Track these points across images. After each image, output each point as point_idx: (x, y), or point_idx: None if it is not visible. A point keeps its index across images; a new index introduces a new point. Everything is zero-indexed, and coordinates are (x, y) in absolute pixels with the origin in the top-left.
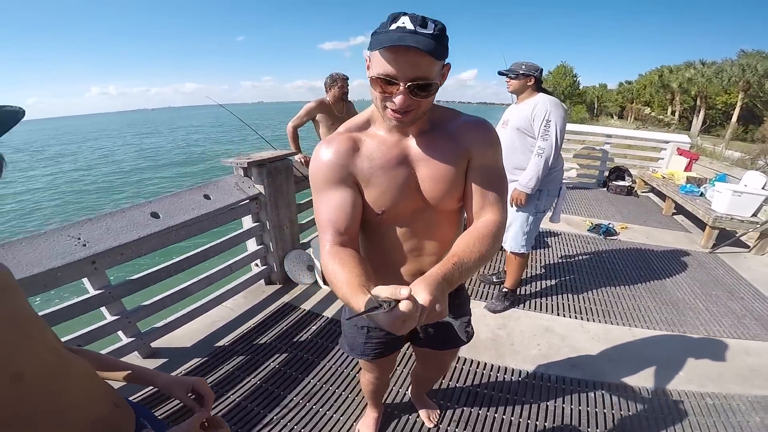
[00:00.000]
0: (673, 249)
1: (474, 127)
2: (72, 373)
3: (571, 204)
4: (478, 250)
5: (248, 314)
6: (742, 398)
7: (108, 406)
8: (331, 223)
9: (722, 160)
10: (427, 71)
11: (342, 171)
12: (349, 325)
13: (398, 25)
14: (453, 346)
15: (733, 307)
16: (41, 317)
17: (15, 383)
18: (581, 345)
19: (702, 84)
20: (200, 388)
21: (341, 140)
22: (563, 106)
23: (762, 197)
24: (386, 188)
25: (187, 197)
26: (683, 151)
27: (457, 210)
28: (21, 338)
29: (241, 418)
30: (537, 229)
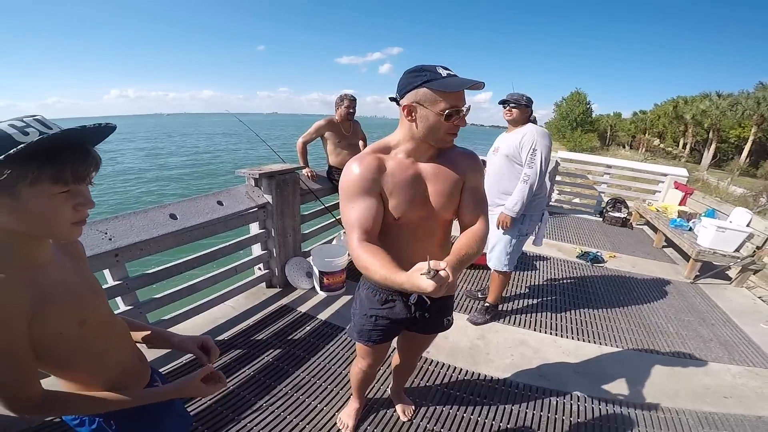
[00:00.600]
0: (656, 278)
1: (467, 157)
2: (116, 328)
3: (565, 231)
4: (475, 246)
5: (248, 313)
6: (692, 414)
7: (134, 359)
8: (360, 223)
9: (725, 196)
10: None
11: (372, 183)
12: (359, 315)
13: (445, 72)
14: (435, 331)
15: (702, 332)
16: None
17: (81, 326)
18: (551, 358)
19: (716, 116)
20: (208, 343)
21: (371, 159)
22: (549, 136)
23: (745, 234)
24: (403, 199)
25: (203, 202)
26: (679, 184)
27: (450, 220)
28: (90, 295)
29: (234, 404)
30: (519, 250)
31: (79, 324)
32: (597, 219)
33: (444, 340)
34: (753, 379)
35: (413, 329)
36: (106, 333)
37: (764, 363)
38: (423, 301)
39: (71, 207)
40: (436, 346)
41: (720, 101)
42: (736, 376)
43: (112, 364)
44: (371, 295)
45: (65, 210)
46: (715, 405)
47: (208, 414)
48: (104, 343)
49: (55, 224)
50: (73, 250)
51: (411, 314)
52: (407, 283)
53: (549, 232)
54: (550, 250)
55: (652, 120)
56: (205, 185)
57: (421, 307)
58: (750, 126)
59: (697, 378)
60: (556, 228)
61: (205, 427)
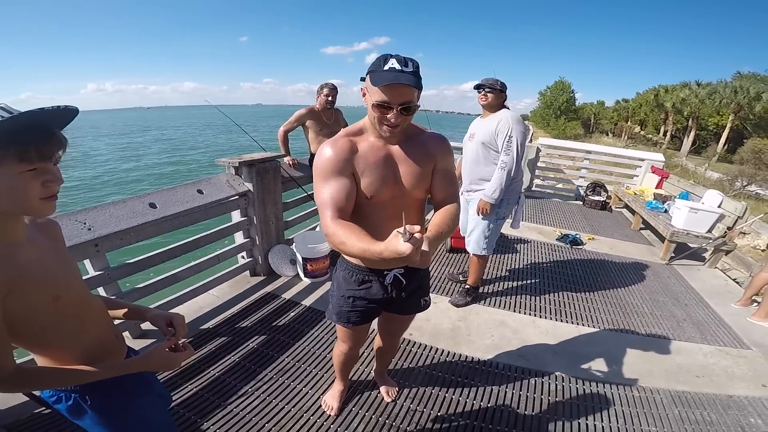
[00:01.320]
0: (632, 260)
1: (438, 140)
2: (92, 305)
3: (546, 215)
4: (450, 222)
5: (233, 301)
6: (665, 393)
7: (110, 335)
8: (333, 202)
9: (703, 180)
10: (411, 97)
11: (344, 163)
12: (337, 296)
13: (390, 66)
14: (412, 311)
15: (675, 312)
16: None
17: (54, 302)
18: (531, 338)
19: (695, 105)
20: (175, 320)
21: (343, 141)
22: (524, 122)
23: (716, 215)
24: (375, 179)
25: (182, 191)
26: (656, 169)
27: (423, 199)
28: (64, 272)
29: (220, 390)
30: (497, 234)
31: (53, 300)
32: (577, 203)
33: (426, 322)
34: (723, 358)
35: (391, 310)
36: (80, 310)
37: (734, 343)
38: (399, 281)
39: (39, 184)
40: (419, 328)
41: (699, 90)
42: (707, 356)
43: (88, 341)
44: (348, 276)
45: (33, 187)
46: (688, 384)
47: (195, 400)
48: (79, 319)
49: (25, 200)
50: (50, 231)
51: (388, 294)
52: (386, 251)
53: (530, 216)
54: (531, 233)
55: (634, 108)
56: (185, 177)
57: (398, 287)
58: (727, 114)
59: (671, 357)
60: (537, 212)
61: (192, 413)
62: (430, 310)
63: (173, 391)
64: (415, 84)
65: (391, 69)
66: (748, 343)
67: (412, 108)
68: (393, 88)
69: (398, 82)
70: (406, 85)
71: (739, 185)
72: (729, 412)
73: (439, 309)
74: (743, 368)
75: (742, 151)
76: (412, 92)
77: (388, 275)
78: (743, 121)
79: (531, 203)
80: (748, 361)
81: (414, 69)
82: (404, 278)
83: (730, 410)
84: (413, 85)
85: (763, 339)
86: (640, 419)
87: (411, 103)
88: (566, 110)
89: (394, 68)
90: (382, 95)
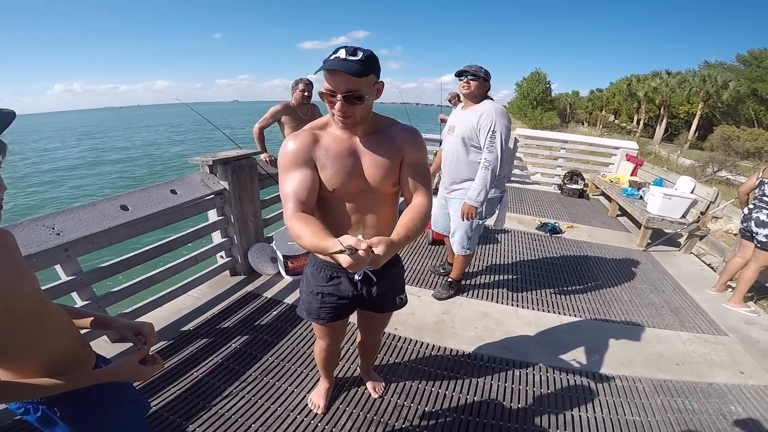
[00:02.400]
0: (610, 246)
1: (406, 133)
2: (51, 314)
3: (525, 204)
4: (418, 221)
5: (213, 302)
6: (647, 381)
7: (76, 345)
8: (294, 195)
9: (675, 167)
10: (355, 86)
11: (305, 155)
12: (306, 293)
13: (336, 55)
14: (388, 310)
15: (654, 299)
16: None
17: (9, 314)
18: (513, 329)
19: (666, 93)
20: (144, 330)
21: (305, 134)
22: (508, 115)
23: (689, 200)
24: (337, 171)
25: (155, 192)
26: (630, 156)
27: (392, 193)
28: (17, 282)
29: (203, 392)
30: (480, 231)
31: (7, 311)
32: (556, 192)
33: (410, 316)
34: (702, 345)
35: (365, 307)
36: (38, 320)
37: (711, 329)
38: (369, 278)
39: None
40: (404, 322)
41: (669, 79)
42: (686, 343)
43: (51, 352)
44: (316, 273)
45: None
46: (669, 372)
47: (178, 403)
48: (37, 330)
49: None
50: (2, 240)
51: (358, 291)
52: (330, 249)
53: (510, 206)
54: (511, 223)
55: (608, 97)
56: (157, 179)
57: (368, 284)
58: (697, 102)
59: (651, 345)
60: (517, 201)
61: (176, 416)
62: (414, 303)
63: (156, 394)
64: (357, 72)
65: (335, 58)
66: (724, 330)
67: (359, 97)
68: (333, 76)
69: (336, 68)
70: (343, 73)
71: (710, 171)
72: (710, 400)
73: (422, 302)
74: (721, 355)
75: (712, 138)
76: (358, 81)
77: (356, 273)
78: (712, 109)
79: (510, 193)
80: (725, 348)
81: (362, 58)
82: (374, 275)
83: (711, 398)
84: (353, 73)
85: (738, 325)
86: (624, 409)
87: (356, 92)
88: (542, 101)
89: (338, 57)
90: (326, 83)
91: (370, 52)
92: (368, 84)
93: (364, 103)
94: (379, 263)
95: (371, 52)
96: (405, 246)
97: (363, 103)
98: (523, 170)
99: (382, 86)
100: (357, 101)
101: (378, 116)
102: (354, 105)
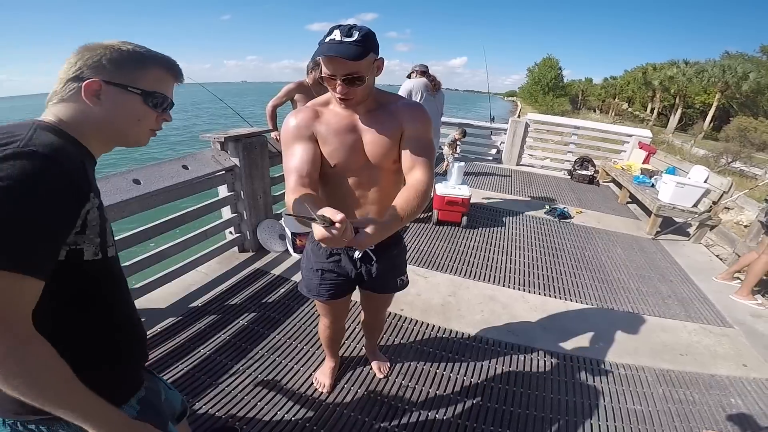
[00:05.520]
0: (620, 233)
1: (408, 108)
2: None
3: (535, 188)
4: (412, 204)
5: (221, 278)
6: (650, 371)
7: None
8: (296, 169)
9: (689, 157)
10: (354, 68)
11: (306, 131)
12: (306, 269)
13: (330, 37)
14: (388, 291)
15: (661, 288)
16: None
17: None
18: (519, 313)
19: (682, 83)
20: None
21: (306, 110)
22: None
23: (702, 189)
24: (337, 147)
25: (167, 167)
26: (643, 144)
27: (395, 170)
28: None
29: (210, 369)
30: None
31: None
32: (565, 177)
33: (417, 297)
34: (707, 336)
35: (366, 287)
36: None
37: (717, 321)
38: (368, 257)
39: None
40: (410, 303)
41: (687, 68)
42: (691, 334)
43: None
44: (316, 249)
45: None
46: (672, 362)
47: (186, 380)
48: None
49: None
50: None
51: (357, 269)
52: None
53: (519, 189)
54: (519, 206)
55: (621, 85)
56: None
57: (367, 262)
58: (714, 92)
59: (656, 335)
60: (526, 185)
61: (183, 393)
62: (420, 284)
63: (164, 371)
64: (355, 55)
65: (331, 41)
66: (730, 321)
67: (359, 78)
68: (330, 60)
69: (333, 55)
70: (345, 59)
71: (724, 162)
72: (711, 392)
73: (429, 284)
74: (725, 347)
75: (728, 128)
76: (356, 64)
77: (357, 250)
78: (730, 99)
79: (520, 176)
80: (730, 339)
81: (358, 38)
82: (374, 254)
83: (712, 390)
84: (351, 57)
85: (744, 317)
86: (626, 397)
87: (355, 74)
88: (554, 87)
89: (333, 39)
90: (324, 68)
91: (366, 29)
92: (367, 64)
93: (365, 82)
94: (363, 245)
95: (367, 29)
96: (400, 227)
97: (363, 84)
98: (534, 158)
99: (382, 63)
100: (358, 82)
101: (381, 92)
102: (354, 86)
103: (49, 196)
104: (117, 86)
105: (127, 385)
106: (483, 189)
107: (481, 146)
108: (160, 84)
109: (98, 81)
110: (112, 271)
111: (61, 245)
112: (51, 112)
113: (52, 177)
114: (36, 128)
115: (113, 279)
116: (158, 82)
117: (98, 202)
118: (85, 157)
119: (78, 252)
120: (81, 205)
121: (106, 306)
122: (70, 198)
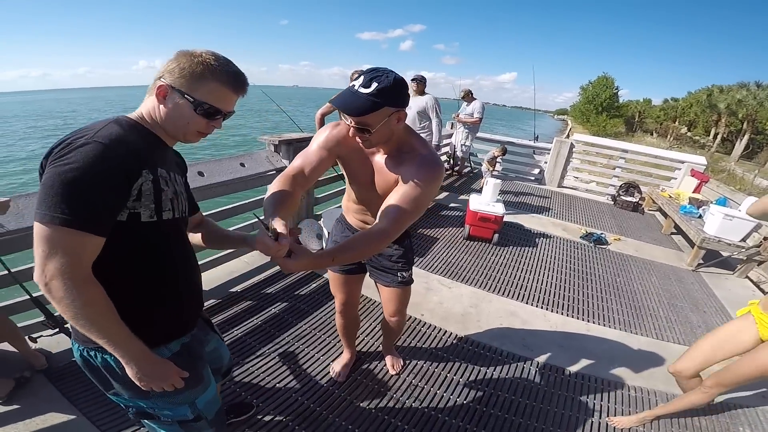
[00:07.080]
0: (657, 263)
1: (415, 163)
2: None
3: (573, 212)
4: (358, 247)
5: (260, 269)
6: (662, 395)
7: None
8: (301, 162)
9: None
10: (362, 122)
11: (331, 144)
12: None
13: (353, 83)
14: (387, 283)
15: (691, 318)
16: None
17: None
18: (538, 330)
19: (752, 106)
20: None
21: (342, 128)
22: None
23: (753, 224)
24: (354, 172)
25: (227, 163)
26: (696, 172)
27: None
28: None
29: (240, 349)
30: None
31: None
32: (608, 202)
33: (439, 305)
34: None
35: (373, 276)
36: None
37: None
38: None
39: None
40: (431, 310)
41: (758, 92)
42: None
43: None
44: (339, 225)
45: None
46: None
47: None
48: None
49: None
50: None
51: None
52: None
53: (557, 212)
54: (555, 229)
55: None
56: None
57: None
58: None
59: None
60: (565, 208)
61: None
62: (443, 294)
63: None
64: (361, 110)
65: (349, 87)
66: None
67: (366, 130)
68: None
69: (339, 107)
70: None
71: None
72: (720, 419)
73: (453, 294)
74: None
75: None
76: (361, 118)
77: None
78: None
79: (560, 199)
80: None
81: (374, 91)
82: None
83: (721, 417)
84: (354, 112)
85: None
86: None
87: (362, 125)
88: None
89: (352, 87)
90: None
91: (390, 81)
92: (378, 117)
93: (376, 133)
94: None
95: (392, 81)
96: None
97: (372, 135)
98: (579, 181)
99: (404, 115)
100: (365, 133)
101: (407, 140)
102: (364, 134)
103: (105, 174)
104: (178, 92)
105: (169, 328)
106: (519, 209)
107: (523, 165)
108: (212, 96)
109: (166, 86)
110: (168, 232)
111: (115, 210)
112: (142, 105)
113: (106, 160)
114: (108, 123)
115: (167, 238)
116: (211, 94)
117: (152, 177)
118: (153, 144)
119: (136, 215)
120: (133, 180)
121: (155, 260)
122: (121, 175)
